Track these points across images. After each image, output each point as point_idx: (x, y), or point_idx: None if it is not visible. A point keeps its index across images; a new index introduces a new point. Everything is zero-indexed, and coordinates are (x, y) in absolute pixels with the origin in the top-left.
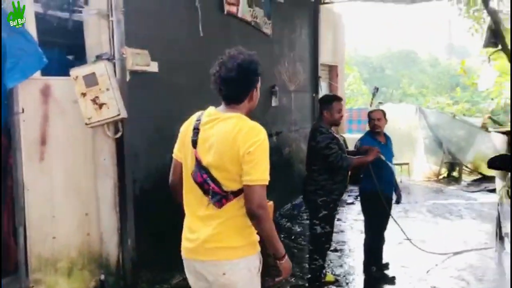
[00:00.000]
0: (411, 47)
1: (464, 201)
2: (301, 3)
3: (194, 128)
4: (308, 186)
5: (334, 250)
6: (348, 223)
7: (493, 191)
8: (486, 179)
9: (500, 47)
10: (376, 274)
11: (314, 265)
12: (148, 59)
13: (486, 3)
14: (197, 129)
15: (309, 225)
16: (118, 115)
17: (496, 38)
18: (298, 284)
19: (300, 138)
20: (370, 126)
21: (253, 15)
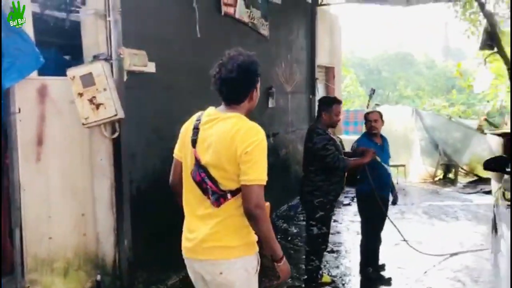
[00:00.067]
0: (408, 49)
1: (460, 203)
2: (298, 5)
3: (194, 128)
4: (305, 187)
5: (331, 251)
6: (345, 224)
7: (489, 193)
8: (482, 181)
9: (496, 50)
10: (373, 275)
11: (311, 266)
12: (146, 60)
13: (482, 6)
14: (197, 129)
15: (306, 226)
16: (115, 116)
17: (492, 41)
18: (295, 285)
19: (297, 140)
20: (367, 128)
21: (250, 16)
